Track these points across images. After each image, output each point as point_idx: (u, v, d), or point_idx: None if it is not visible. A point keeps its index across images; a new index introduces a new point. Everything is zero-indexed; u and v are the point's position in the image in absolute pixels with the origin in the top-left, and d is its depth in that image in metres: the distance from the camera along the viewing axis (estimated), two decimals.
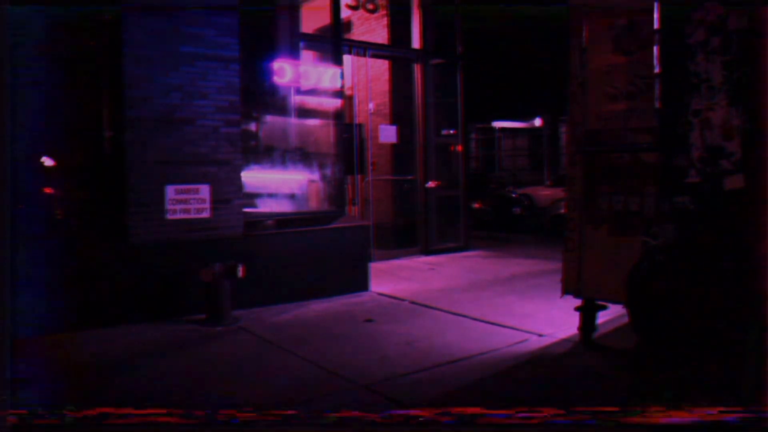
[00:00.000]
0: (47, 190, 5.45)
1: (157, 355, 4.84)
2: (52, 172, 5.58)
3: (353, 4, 9.32)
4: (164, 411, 3.41)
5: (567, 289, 4.88)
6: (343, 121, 7.81)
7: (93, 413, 3.39)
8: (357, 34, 10.01)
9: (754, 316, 3.33)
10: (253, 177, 6.84)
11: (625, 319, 4.63)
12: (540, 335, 5.11)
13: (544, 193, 14.85)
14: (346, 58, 8.64)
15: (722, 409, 3.17)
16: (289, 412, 3.49)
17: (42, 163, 5.52)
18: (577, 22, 4.74)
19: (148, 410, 3.40)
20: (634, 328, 4.30)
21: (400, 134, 9.37)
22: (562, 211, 8.32)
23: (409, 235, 9.72)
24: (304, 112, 7.58)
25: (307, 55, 7.70)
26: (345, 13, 8.95)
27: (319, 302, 6.45)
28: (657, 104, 4.19)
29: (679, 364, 3.73)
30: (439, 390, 3.98)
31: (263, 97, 7.16)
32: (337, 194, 7.52)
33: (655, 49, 4.17)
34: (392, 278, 7.75)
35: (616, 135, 4.53)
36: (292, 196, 7.47)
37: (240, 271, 5.68)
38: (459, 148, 10.20)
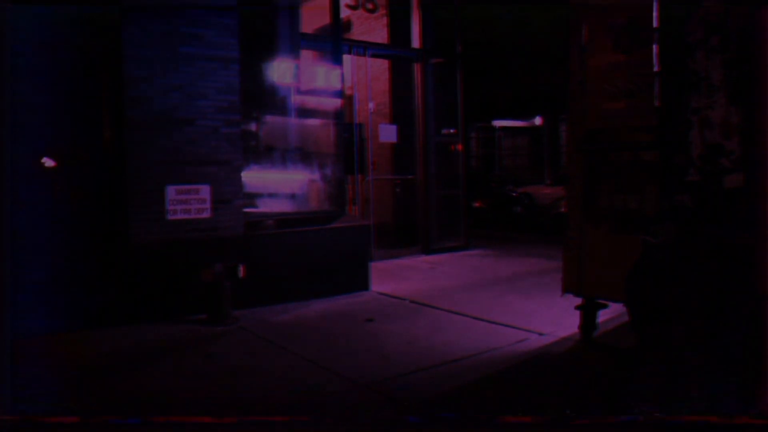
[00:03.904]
0: (47, 191, 5.45)
1: (157, 356, 4.85)
2: (53, 173, 5.58)
3: (353, 3, 9.33)
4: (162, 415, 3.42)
5: (567, 288, 4.88)
6: (343, 120, 7.81)
7: (92, 414, 3.40)
8: (357, 33, 10.01)
9: (754, 316, 3.33)
10: (253, 177, 6.84)
11: (626, 318, 4.63)
12: (540, 334, 5.11)
13: (545, 192, 14.86)
14: (346, 58, 8.63)
15: (721, 408, 3.17)
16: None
17: (42, 163, 5.53)
18: (577, 20, 4.74)
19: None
20: (635, 327, 4.30)
21: (401, 133, 9.37)
22: (563, 209, 8.33)
23: (410, 234, 9.72)
24: (304, 112, 7.58)
25: (306, 54, 7.70)
26: (345, 12, 8.95)
27: (319, 302, 6.45)
28: (656, 102, 4.19)
29: (680, 363, 3.73)
30: (439, 389, 3.98)
31: (263, 97, 7.16)
32: (337, 194, 7.52)
33: (655, 47, 4.17)
34: (393, 278, 7.75)
35: (616, 133, 4.53)
36: (292, 196, 7.47)
37: (240, 271, 5.68)
38: (459, 147, 10.19)
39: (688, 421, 3.10)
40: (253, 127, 7.21)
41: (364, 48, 9.06)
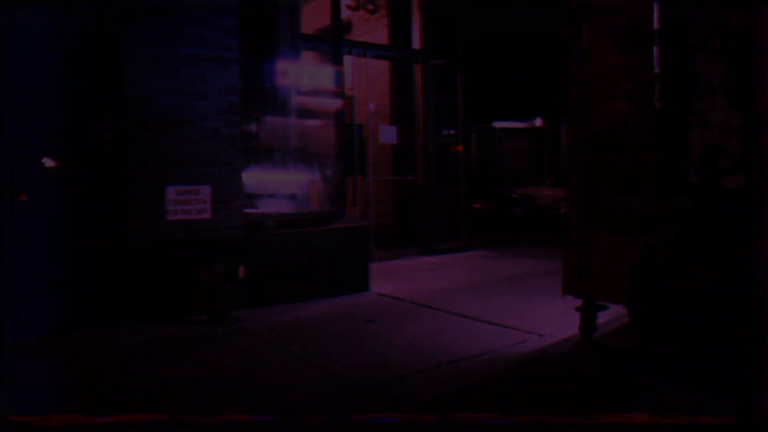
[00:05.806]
0: (48, 191, 5.45)
1: (158, 357, 4.85)
2: (53, 173, 5.58)
3: (353, 4, 9.33)
4: (162, 415, 3.42)
5: (567, 289, 4.88)
6: (344, 121, 7.81)
7: (91, 415, 3.40)
8: (357, 34, 10.02)
9: (755, 317, 3.34)
10: (253, 177, 6.84)
11: (626, 319, 4.63)
12: (540, 335, 5.11)
13: (545, 193, 14.87)
14: (347, 59, 8.64)
15: (721, 408, 3.17)
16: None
17: (43, 164, 5.53)
18: (577, 22, 4.75)
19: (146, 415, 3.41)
20: (635, 328, 4.30)
21: (401, 134, 9.38)
22: (563, 211, 8.34)
23: (410, 235, 9.73)
24: (305, 113, 7.59)
25: (307, 55, 7.71)
26: (345, 13, 8.95)
27: (320, 303, 6.45)
28: (657, 104, 4.20)
29: (680, 363, 3.73)
30: (439, 391, 3.98)
31: (264, 97, 7.17)
32: (337, 194, 7.53)
33: (655, 48, 4.18)
34: (393, 278, 7.75)
35: (617, 135, 4.53)
36: (292, 197, 7.47)
37: (241, 272, 5.69)
38: (459, 148, 10.20)
39: (687, 422, 3.10)
40: (253, 127, 7.22)
41: (364, 49, 9.07)
